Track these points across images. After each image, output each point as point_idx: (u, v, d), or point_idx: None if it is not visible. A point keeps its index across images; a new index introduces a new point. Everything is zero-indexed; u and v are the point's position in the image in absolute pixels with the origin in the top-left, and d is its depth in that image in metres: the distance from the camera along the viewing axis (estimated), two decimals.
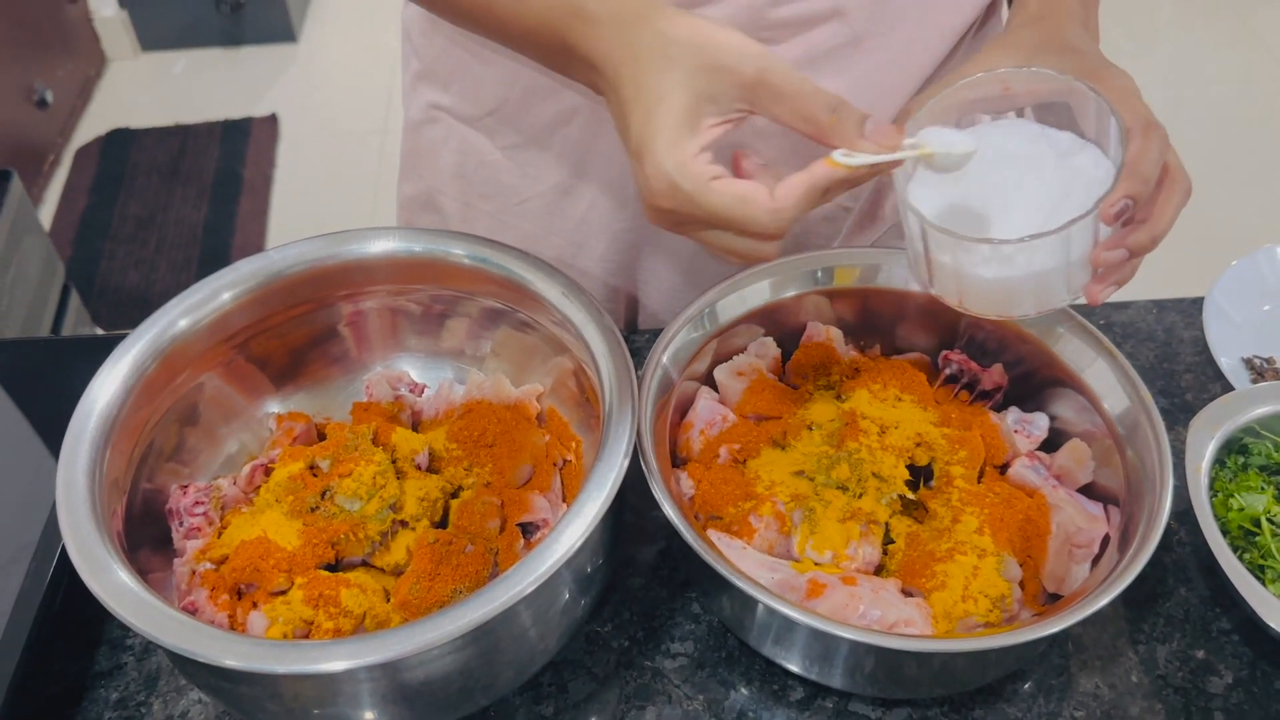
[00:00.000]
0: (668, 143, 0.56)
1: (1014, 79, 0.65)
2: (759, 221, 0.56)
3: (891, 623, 0.63)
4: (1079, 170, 0.62)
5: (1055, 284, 0.63)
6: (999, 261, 0.61)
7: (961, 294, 0.65)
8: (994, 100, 0.66)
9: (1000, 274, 0.62)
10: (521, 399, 0.76)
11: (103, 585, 0.57)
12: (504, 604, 0.56)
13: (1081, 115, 0.64)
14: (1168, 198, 0.63)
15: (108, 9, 2.90)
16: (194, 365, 0.71)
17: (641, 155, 0.57)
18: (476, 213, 0.91)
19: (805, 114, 0.57)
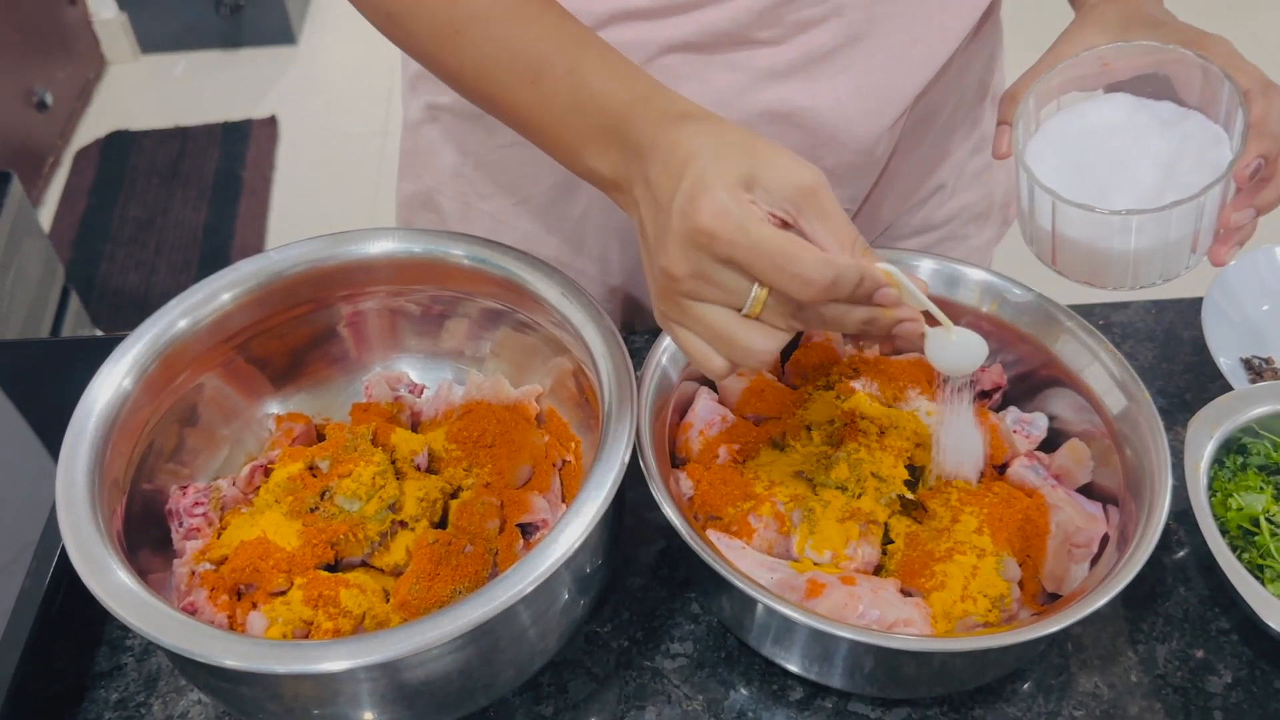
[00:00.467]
0: (723, 179, 0.53)
1: (1116, 55, 0.65)
2: (805, 265, 0.52)
3: (891, 622, 0.63)
4: (1188, 135, 0.63)
5: (1180, 250, 0.64)
6: (1129, 231, 0.62)
7: (1090, 270, 0.66)
8: (1091, 77, 0.66)
9: (1130, 244, 0.62)
10: (521, 399, 0.76)
11: (102, 585, 0.57)
12: (503, 604, 0.56)
13: (1182, 84, 0.65)
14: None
15: (107, 11, 2.90)
16: (194, 366, 0.71)
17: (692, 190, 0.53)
18: (475, 212, 0.91)
19: (840, 238, 0.54)
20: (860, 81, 0.77)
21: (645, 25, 0.74)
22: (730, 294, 0.54)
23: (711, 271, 0.54)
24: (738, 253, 0.52)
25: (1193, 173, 0.62)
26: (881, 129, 0.79)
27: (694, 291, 0.55)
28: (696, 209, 0.52)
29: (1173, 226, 0.62)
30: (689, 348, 0.57)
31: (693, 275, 0.54)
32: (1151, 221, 0.61)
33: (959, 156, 0.93)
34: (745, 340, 0.55)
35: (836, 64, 0.76)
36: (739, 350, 0.55)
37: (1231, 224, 0.63)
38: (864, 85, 0.77)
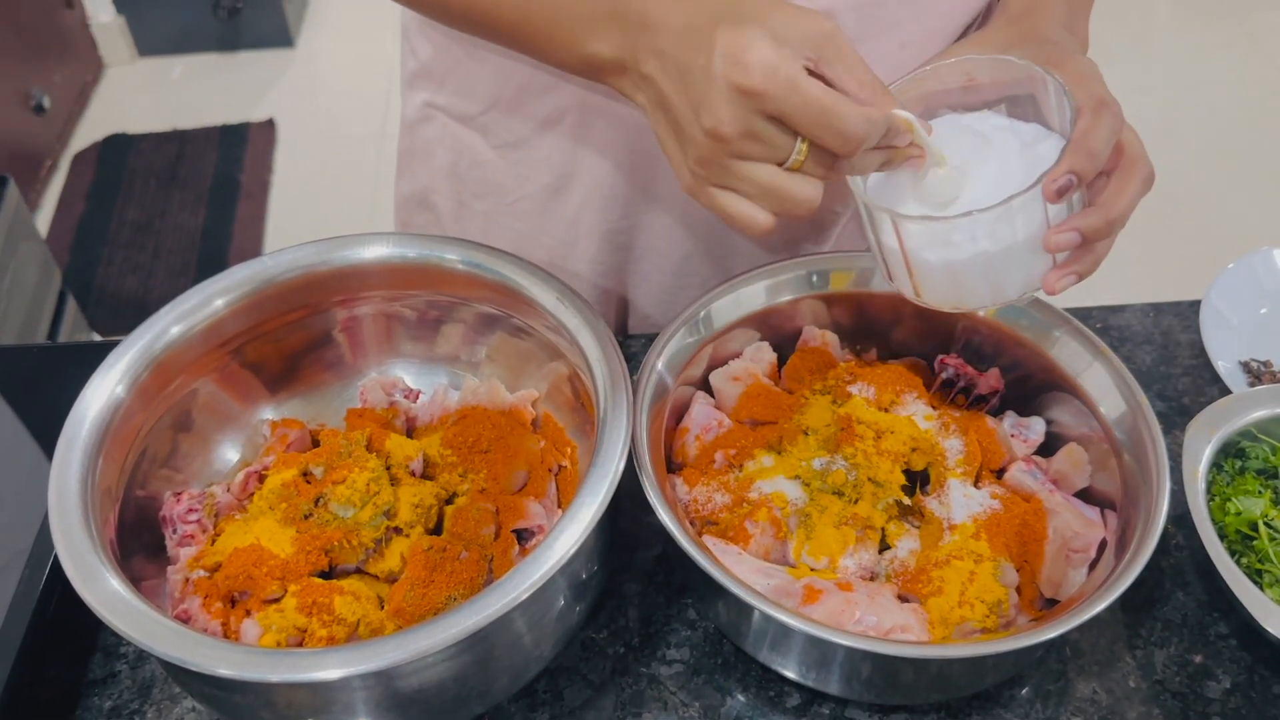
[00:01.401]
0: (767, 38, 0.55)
1: (975, 67, 0.65)
2: (850, 121, 0.55)
3: (888, 628, 0.62)
4: (1041, 158, 0.61)
5: (1007, 271, 0.62)
6: (942, 243, 0.61)
7: (917, 284, 0.65)
8: (960, 92, 0.65)
9: (947, 257, 0.61)
10: (516, 404, 0.76)
11: (94, 593, 0.57)
12: (498, 611, 0.56)
13: (1045, 105, 0.63)
14: (1124, 182, 0.62)
15: (105, 14, 2.90)
16: (188, 372, 0.71)
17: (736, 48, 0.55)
18: (470, 212, 0.91)
19: (860, 79, 0.57)
20: None
21: None
22: (776, 149, 0.57)
23: (760, 128, 0.56)
24: (787, 107, 0.55)
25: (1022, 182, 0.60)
26: None
27: (743, 150, 0.57)
28: (746, 68, 0.55)
29: (982, 240, 0.60)
30: (732, 208, 0.60)
31: (743, 134, 0.56)
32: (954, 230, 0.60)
33: None
34: (794, 191, 0.58)
35: None
36: (789, 201, 0.59)
37: (1054, 245, 0.60)
38: None
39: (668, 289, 0.91)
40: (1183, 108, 2.75)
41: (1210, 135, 2.64)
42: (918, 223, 0.61)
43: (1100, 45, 0.72)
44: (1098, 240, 0.61)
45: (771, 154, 0.57)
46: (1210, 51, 2.97)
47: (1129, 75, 2.86)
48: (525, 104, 0.82)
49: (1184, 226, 2.35)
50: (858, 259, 0.78)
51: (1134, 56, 2.93)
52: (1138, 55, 2.95)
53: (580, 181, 0.85)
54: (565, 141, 0.83)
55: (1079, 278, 0.63)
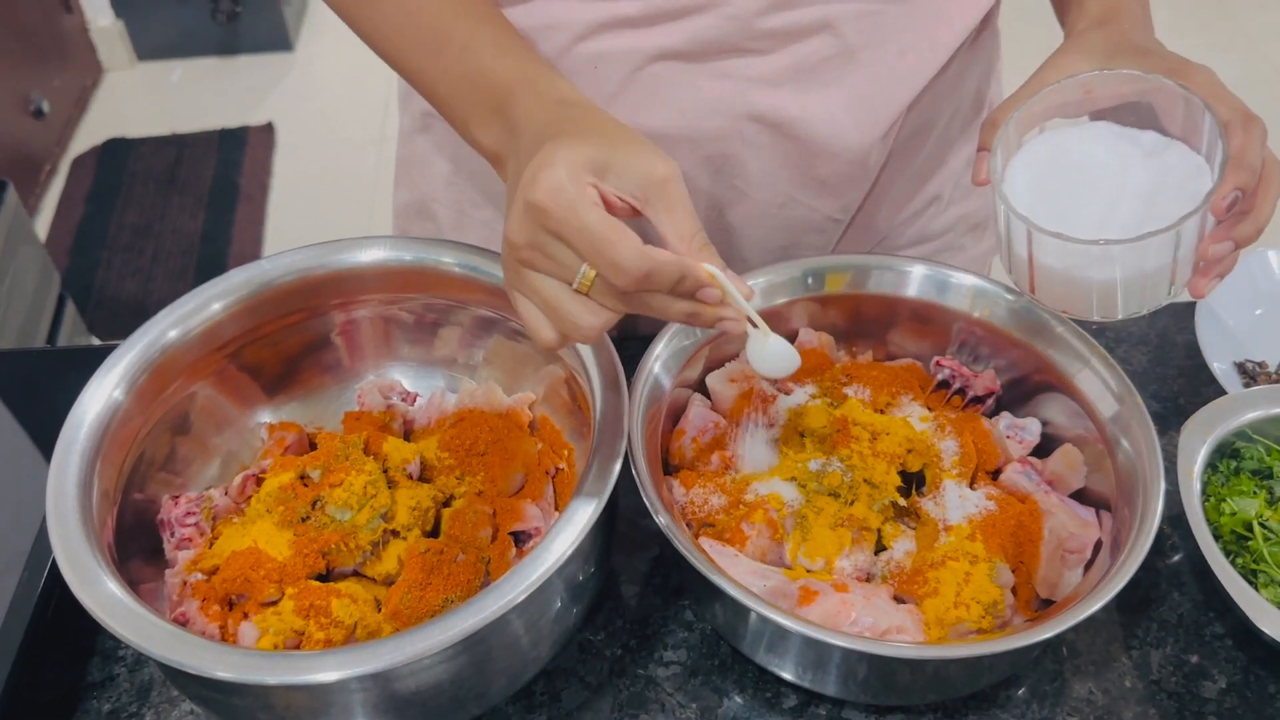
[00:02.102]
0: (569, 160, 0.55)
1: (1099, 83, 0.65)
2: (621, 253, 0.54)
3: (884, 630, 0.63)
4: (1170, 166, 0.63)
5: (1160, 281, 0.64)
6: (1106, 261, 0.62)
7: (1065, 298, 0.66)
8: (1074, 104, 0.66)
9: (1107, 274, 0.62)
10: (514, 407, 0.76)
11: (93, 597, 0.57)
12: (495, 613, 0.56)
13: (1165, 114, 0.65)
14: (1267, 189, 0.64)
15: (104, 19, 2.90)
16: (185, 375, 0.71)
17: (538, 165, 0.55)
18: (470, 220, 0.91)
19: (680, 229, 0.57)
20: (851, 92, 0.77)
21: (633, 34, 0.74)
22: (562, 268, 0.57)
23: (545, 244, 0.56)
24: (565, 230, 0.55)
25: (1173, 203, 0.61)
26: (873, 139, 0.79)
27: (530, 260, 0.57)
28: (536, 184, 0.55)
29: (1149, 257, 0.61)
30: (524, 315, 0.59)
31: (529, 245, 0.56)
32: (1128, 251, 0.61)
33: (955, 167, 0.92)
34: (573, 314, 0.58)
35: (827, 74, 0.76)
36: (567, 323, 0.58)
37: (1210, 256, 0.63)
38: (855, 96, 0.77)
39: None
40: None
41: None
42: (1054, 239, 0.61)
43: None
44: (1246, 245, 0.63)
45: (558, 271, 0.57)
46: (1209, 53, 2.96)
47: None
48: None
49: None
50: (853, 260, 0.78)
51: None
52: None
53: None
54: None
55: (1221, 279, 0.65)
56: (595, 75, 0.76)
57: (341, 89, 2.91)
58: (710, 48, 0.74)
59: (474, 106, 0.64)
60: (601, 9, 0.73)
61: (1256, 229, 0.63)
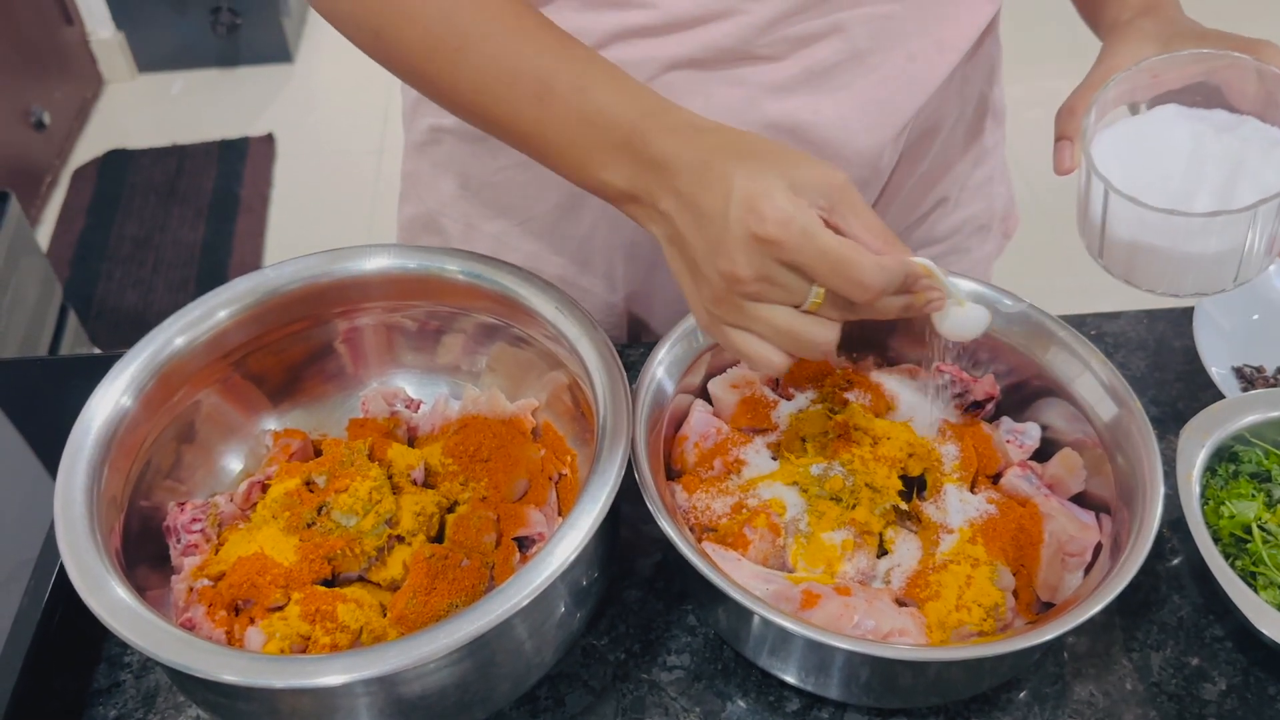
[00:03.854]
0: (779, 188, 0.55)
1: (1164, 65, 0.66)
2: (865, 272, 0.55)
3: (886, 632, 0.63)
4: (1246, 139, 0.63)
5: (1230, 263, 0.63)
6: (1180, 235, 0.62)
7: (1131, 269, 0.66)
8: (1142, 89, 0.66)
9: (1178, 248, 0.62)
10: (517, 413, 0.77)
11: (101, 602, 0.57)
12: (499, 617, 0.56)
13: (1234, 91, 0.65)
14: None
15: (104, 30, 2.92)
16: (191, 383, 0.72)
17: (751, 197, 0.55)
18: (479, 234, 0.91)
19: (872, 228, 0.58)
20: (862, 96, 0.77)
21: (647, 43, 0.74)
22: (792, 293, 0.58)
23: (775, 274, 0.57)
24: (801, 258, 0.56)
25: (1254, 178, 0.61)
26: (884, 142, 0.80)
27: (758, 294, 0.58)
28: (761, 217, 0.55)
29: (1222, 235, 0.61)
30: (747, 348, 0.60)
31: (757, 278, 0.57)
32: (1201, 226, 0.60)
33: (961, 169, 0.93)
34: (809, 334, 0.59)
35: (838, 79, 0.77)
36: (804, 344, 0.59)
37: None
38: (866, 100, 0.78)
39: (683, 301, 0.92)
40: None
41: None
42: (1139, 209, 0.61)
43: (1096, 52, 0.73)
44: None
45: (787, 297, 0.58)
46: None
47: None
48: None
49: None
50: None
51: None
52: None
53: (592, 199, 0.85)
54: None
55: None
56: None
57: (341, 100, 2.92)
58: (723, 55, 0.75)
59: (596, 148, 0.62)
60: (616, 19, 0.74)
61: None
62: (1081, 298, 0.68)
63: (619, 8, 0.74)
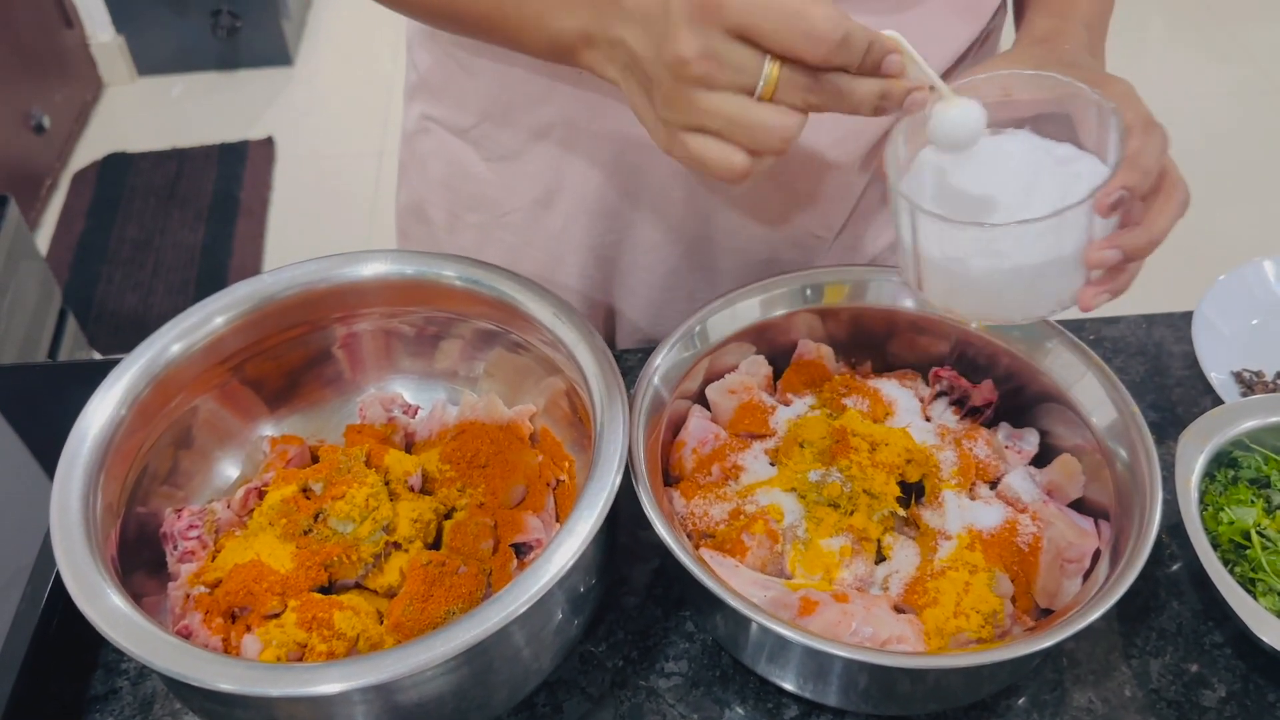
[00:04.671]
0: None
1: (1015, 82, 0.64)
2: (816, 19, 0.51)
3: (884, 639, 0.63)
4: (1079, 175, 0.61)
5: (1046, 285, 0.62)
6: (989, 252, 0.60)
7: (950, 293, 0.64)
8: (994, 108, 0.65)
9: (990, 266, 0.60)
10: (515, 419, 0.77)
11: (97, 610, 0.57)
12: (497, 624, 0.56)
13: (1081, 125, 0.63)
14: (1165, 203, 0.62)
15: (104, 34, 2.92)
16: (188, 389, 0.72)
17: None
18: (462, 224, 0.93)
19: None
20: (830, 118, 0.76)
21: None
22: (743, 73, 0.54)
23: (722, 49, 0.53)
24: (748, 15, 0.52)
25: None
26: (855, 156, 0.79)
27: (706, 76, 0.54)
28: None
29: (1029, 251, 0.59)
30: (704, 151, 0.56)
31: (704, 54, 0.53)
32: (1006, 236, 0.58)
33: None
34: (764, 121, 0.55)
35: None
36: (759, 132, 0.55)
37: (1093, 261, 0.60)
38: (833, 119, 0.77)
39: (655, 302, 0.92)
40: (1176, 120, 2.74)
41: (1203, 148, 2.65)
42: (966, 227, 0.59)
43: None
44: (1136, 259, 0.61)
45: (738, 79, 0.54)
46: (1203, 64, 2.98)
47: None
48: (513, 117, 0.83)
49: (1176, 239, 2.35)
50: (851, 273, 0.79)
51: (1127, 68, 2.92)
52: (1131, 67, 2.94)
53: (566, 196, 0.86)
54: (552, 156, 0.84)
55: (1113, 295, 0.63)
56: (581, 80, 0.77)
57: (341, 103, 2.92)
58: None
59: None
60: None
61: (1149, 241, 0.61)
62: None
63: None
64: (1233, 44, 3.02)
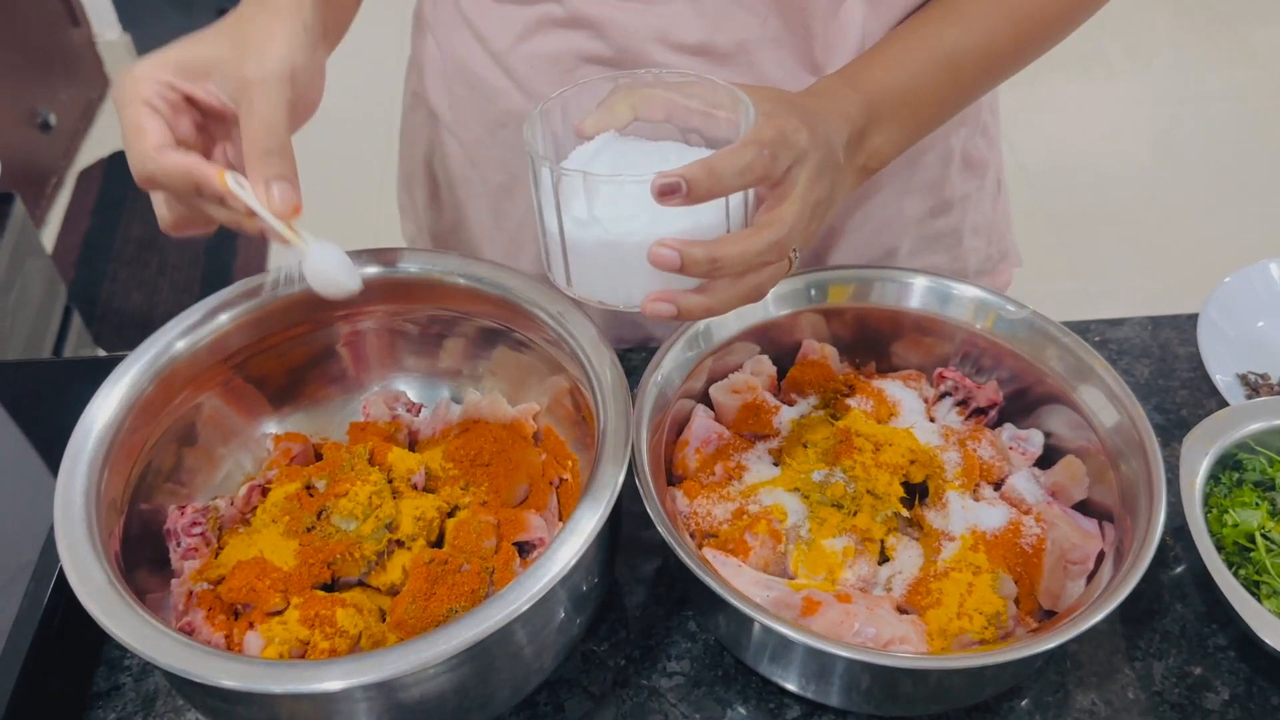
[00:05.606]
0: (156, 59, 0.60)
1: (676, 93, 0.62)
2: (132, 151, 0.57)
3: (886, 640, 0.63)
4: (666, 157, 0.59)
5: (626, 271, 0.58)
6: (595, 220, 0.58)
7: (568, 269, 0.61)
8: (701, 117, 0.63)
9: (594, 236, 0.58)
10: (518, 418, 0.76)
11: (100, 606, 0.57)
12: (499, 622, 0.56)
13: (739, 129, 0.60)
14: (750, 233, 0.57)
15: (111, 32, 2.92)
16: (192, 386, 0.72)
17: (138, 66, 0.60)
18: (439, 202, 0.95)
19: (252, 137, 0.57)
20: None
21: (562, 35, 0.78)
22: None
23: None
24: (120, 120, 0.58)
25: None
26: None
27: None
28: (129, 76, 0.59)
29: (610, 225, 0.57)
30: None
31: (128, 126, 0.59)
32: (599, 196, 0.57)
33: (914, 218, 0.90)
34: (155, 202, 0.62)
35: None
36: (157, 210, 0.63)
37: (650, 255, 0.55)
38: None
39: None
40: (1181, 120, 2.76)
41: (1208, 148, 2.65)
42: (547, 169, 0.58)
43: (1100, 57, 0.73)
44: (697, 273, 0.56)
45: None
46: (1209, 64, 2.98)
47: (1128, 87, 2.87)
48: (477, 106, 0.86)
49: (1181, 240, 2.36)
50: (856, 273, 0.78)
51: (1133, 69, 2.95)
52: (1137, 67, 2.96)
53: (524, 185, 0.87)
54: (511, 145, 0.86)
55: (677, 312, 0.57)
56: (531, 74, 0.80)
57: (346, 103, 2.91)
58: (628, 56, 0.77)
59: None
60: (534, 11, 0.77)
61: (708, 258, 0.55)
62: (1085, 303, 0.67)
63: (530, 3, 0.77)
64: (1239, 46, 3.02)
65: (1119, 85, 2.87)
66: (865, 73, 0.70)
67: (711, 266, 0.56)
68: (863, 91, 0.68)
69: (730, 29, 0.75)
